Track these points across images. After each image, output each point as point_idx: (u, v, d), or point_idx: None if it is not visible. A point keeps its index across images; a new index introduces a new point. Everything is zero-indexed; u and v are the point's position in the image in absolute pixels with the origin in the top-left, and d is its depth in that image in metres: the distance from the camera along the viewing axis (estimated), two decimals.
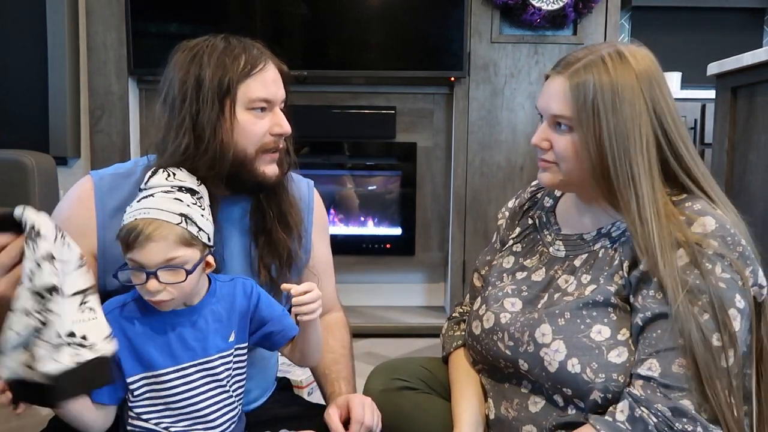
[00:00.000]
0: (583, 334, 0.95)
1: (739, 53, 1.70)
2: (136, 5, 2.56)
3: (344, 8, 2.64)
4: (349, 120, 2.71)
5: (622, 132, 0.93)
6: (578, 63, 0.96)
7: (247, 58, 1.03)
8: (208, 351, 0.96)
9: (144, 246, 0.88)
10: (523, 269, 1.11)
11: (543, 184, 1.05)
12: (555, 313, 0.98)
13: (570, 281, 1.02)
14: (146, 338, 0.93)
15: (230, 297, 1.00)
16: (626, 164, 0.93)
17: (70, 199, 1.09)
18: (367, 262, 2.87)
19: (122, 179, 1.09)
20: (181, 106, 1.01)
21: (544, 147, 1.00)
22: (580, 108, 0.94)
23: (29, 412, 0.85)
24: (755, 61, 1.61)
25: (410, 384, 1.16)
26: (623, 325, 0.94)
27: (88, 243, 1.05)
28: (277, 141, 1.06)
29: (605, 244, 1.01)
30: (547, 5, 2.57)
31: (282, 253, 1.12)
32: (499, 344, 1.04)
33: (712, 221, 0.93)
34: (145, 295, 0.91)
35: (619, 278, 0.97)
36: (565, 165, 0.99)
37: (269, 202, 1.12)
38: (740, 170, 1.74)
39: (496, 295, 1.09)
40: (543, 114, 1.01)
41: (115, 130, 2.68)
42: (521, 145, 2.71)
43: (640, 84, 0.94)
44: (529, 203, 1.20)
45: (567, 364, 0.94)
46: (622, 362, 0.92)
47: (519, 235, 1.17)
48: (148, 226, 0.88)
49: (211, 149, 1.01)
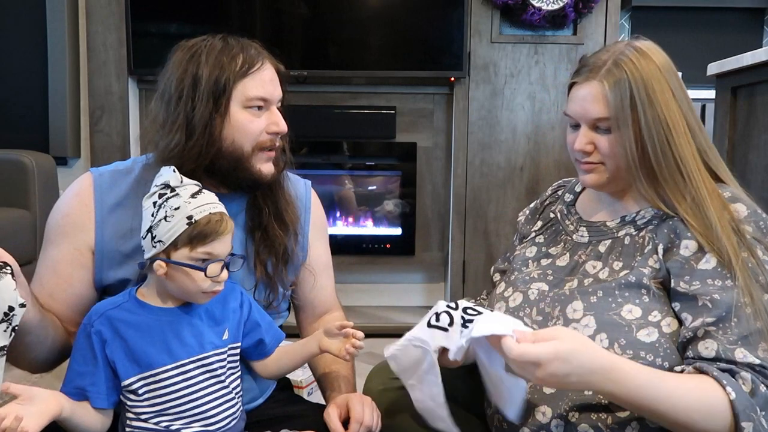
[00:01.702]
0: (614, 311, 0.96)
1: (739, 53, 1.70)
2: (136, 5, 2.56)
3: (344, 8, 2.64)
4: (349, 120, 2.71)
5: (663, 121, 0.97)
6: (605, 65, 0.99)
7: (245, 57, 1.05)
8: (205, 347, 0.97)
9: (224, 236, 0.94)
10: (547, 256, 1.12)
11: (588, 185, 1.06)
12: (588, 292, 0.99)
13: (599, 267, 1.03)
14: (143, 338, 0.94)
15: (222, 297, 1.01)
16: (670, 150, 0.97)
17: (70, 195, 1.10)
18: (367, 262, 2.87)
19: (121, 176, 1.10)
20: (177, 104, 1.03)
21: (589, 151, 1.02)
22: (618, 107, 0.97)
23: None
24: (755, 61, 1.61)
25: None
26: (655, 307, 0.95)
27: (86, 238, 1.06)
28: (273, 139, 1.08)
29: (630, 232, 1.03)
30: (547, 5, 2.57)
31: (278, 250, 1.13)
32: (525, 320, 1.04)
33: (743, 207, 0.96)
34: (208, 288, 0.94)
35: (654, 262, 0.97)
36: (611, 162, 1.01)
37: (265, 198, 1.13)
38: (740, 170, 1.74)
39: (524, 279, 1.10)
40: (580, 119, 1.02)
41: (115, 130, 2.68)
42: (521, 145, 2.71)
43: (664, 75, 0.99)
44: (550, 199, 1.23)
45: (595, 339, 0.94)
46: (651, 342, 0.92)
47: (542, 227, 1.19)
48: (224, 219, 0.95)
49: (197, 146, 1.03)
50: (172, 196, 0.93)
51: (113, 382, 0.94)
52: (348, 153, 2.81)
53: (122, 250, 1.06)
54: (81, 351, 0.94)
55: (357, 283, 2.84)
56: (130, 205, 1.07)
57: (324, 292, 1.29)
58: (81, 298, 1.07)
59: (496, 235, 2.73)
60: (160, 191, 0.95)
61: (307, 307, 1.28)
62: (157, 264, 0.93)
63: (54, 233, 1.09)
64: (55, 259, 1.07)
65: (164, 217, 0.92)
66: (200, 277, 0.93)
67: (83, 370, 0.93)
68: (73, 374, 0.94)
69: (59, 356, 1.07)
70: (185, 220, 0.91)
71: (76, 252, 1.06)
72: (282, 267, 1.15)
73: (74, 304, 1.07)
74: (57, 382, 0.97)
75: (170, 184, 0.95)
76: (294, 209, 1.17)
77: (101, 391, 0.93)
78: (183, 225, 0.91)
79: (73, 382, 0.93)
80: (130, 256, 1.05)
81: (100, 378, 0.93)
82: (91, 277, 1.07)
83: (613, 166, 1.02)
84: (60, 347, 1.05)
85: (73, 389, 0.93)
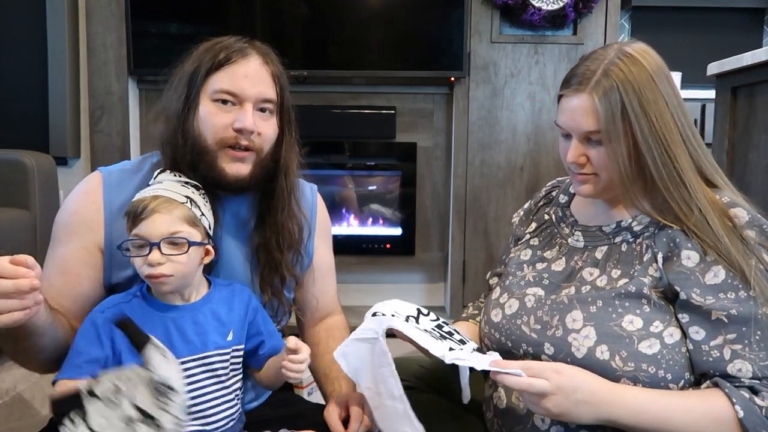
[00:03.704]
0: (615, 322, 0.94)
1: (739, 53, 1.70)
2: (136, 5, 2.56)
3: (344, 8, 2.64)
4: (349, 120, 2.71)
5: (660, 131, 0.94)
6: (594, 76, 0.95)
7: (227, 52, 1.04)
8: (207, 346, 0.97)
9: (149, 217, 0.91)
10: (542, 260, 1.11)
11: (583, 195, 1.04)
12: (587, 301, 0.97)
13: (596, 275, 1.01)
14: (147, 331, 0.93)
15: (229, 299, 1.01)
16: (671, 162, 0.94)
17: (79, 192, 1.10)
18: (367, 262, 2.87)
19: (129, 176, 1.10)
20: (165, 96, 1.07)
21: (581, 162, 1.00)
22: (609, 119, 0.94)
23: (29, 412, 0.85)
24: (755, 61, 1.61)
25: (410, 384, 1.16)
26: (656, 317, 0.93)
27: (94, 237, 1.06)
28: (238, 137, 1.04)
29: (626, 238, 1.01)
30: (547, 5, 2.57)
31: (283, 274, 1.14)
32: (523, 328, 1.03)
33: (743, 212, 0.94)
34: (145, 270, 0.92)
35: (654, 271, 0.95)
36: (605, 174, 0.99)
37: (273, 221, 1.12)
38: (740, 170, 1.74)
39: (518, 283, 1.09)
40: (571, 132, 1.00)
41: (115, 130, 2.68)
42: (521, 145, 2.71)
43: (655, 81, 0.95)
44: (544, 200, 1.21)
45: (596, 351, 0.93)
46: (653, 353, 0.91)
47: (536, 229, 1.17)
48: (155, 200, 0.93)
49: (175, 138, 1.04)
50: (153, 183, 0.98)
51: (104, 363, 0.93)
52: (348, 153, 2.81)
53: None
54: (85, 332, 0.94)
55: (357, 283, 2.84)
56: None
57: (326, 296, 1.29)
58: (88, 297, 1.06)
59: (496, 235, 2.73)
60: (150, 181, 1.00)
61: (309, 310, 1.28)
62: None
63: (63, 231, 1.08)
64: (63, 257, 1.07)
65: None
66: (137, 263, 0.93)
67: (83, 349, 0.93)
68: (73, 354, 0.93)
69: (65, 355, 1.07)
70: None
71: (84, 250, 1.06)
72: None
73: (81, 303, 1.06)
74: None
75: (151, 182, 0.99)
76: (300, 229, 1.16)
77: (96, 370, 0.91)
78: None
79: (71, 360, 0.92)
80: None
81: (97, 356, 0.92)
82: (100, 276, 1.07)
83: (607, 178, 0.99)
84: (67, 346, 1.05)
85: (69, 367, 0.92)
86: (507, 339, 1.05)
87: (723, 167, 1.79)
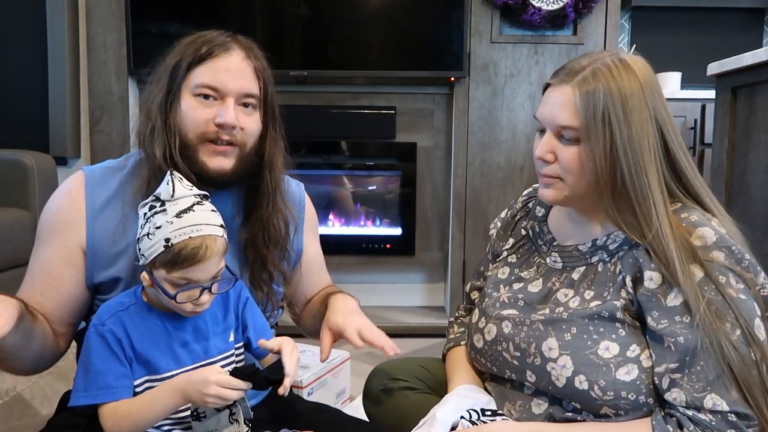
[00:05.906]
0: (591, 350, 0.92)
1: (739, 53, 1.70)
2: (136, 5, 2.56)
3: (344, 8, 2.63)
4: (349, 120, 2.71)
5: (635, 142, 0.91)
6: (583, 71, 0.93)
7: (209, 46, 1.04)
8: (210, 353, 0.97)
9: (203, 263, 0.88)
10: (519, 280, 1.08)
11: (546, 200, 1.00)
12: (561, 328, 0.95)
13: (570, 296, 0.99)
14: (149, 342, 0.93)
15: (224, 297, 1.01)
16: (642, 175, 0.91)
17: (61, 193, 1.10)
18: (367, 262, 2.87)
19: (111, 174, 1.10)
20: (147, 90, 1.07)
21: (549, 160, 0.96)
22: (589, 118, 0.91)
23: (29, 412, 0.86)
24: (755, 61, 1.61)
25: (410, 384, 1.16)
26: (632, 341, 0.91)
27: (77, 237, 1.06)
28: (218, 132, 1.03)
29: (603, 258, 0.98)
30: (547, 5, 2.57)
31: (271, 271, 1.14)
32: (505, 354, 1.02)
33: (711, 232, 0.91)
34: (189, 307, 0.91)
35: (625, 293, 0.93)
36: (570, 179, 0.95)
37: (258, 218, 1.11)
38: (740, 170, 1.74)
39: (494, 305, 1.07)
40: (546, 125, 0.96)
41: (115, 130, 2.68)
42: (521, 145, 2.71)
43: (644, 92, 0.92)
44: (521, 213, 1.18)
45: (574, 381, 0.92)
46: (631, 380, 0.89)
47: (513, 246, 1.15)
48: (204, 245, 0.88)
49: (156, 132, 1.03)
50: (159, 212, 0.90)
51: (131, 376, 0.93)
52: (348, 153, 2.81)
53: (113, 249, 1.05)
54: (96, 350, 0.91)
55: (357, 283, 2.84)
56: (118, 202, 1.06)
57: (317, 288, 1.30)
58: (72, 298, 1.06)
59: None
60: (151, 203, 0.92)
61: (299, 306, 1.29)
62: (142, 275, 0.92)
63: (45, 232, 1.08)
64: (46, 257, 1.07)
65: (147, 234, 0.90)
66: (179, 297, 0.90)
67: (104, 368, 0.91)
68: (94, 375, 0.91)
69: (49, 361, 1.07)
70: (163, 242, 0.88)
71: (67, 251, 1.06)
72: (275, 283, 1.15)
73: (64, 304, 1.06)
74: (57, 383, 0.97)
75: (161, 197, 0.91)
76: (287, 226, 1.15)
77: (128, 385, 0.91)
78: (160, 247, 0.88)
79: (96, 382, 0.91)
80: (120, 255, 1.05)
81: (123, 372, 0.91)
82: (82, 277, 1.06)
83: (571, 182, 0.96)
84: (49, 353, 1.05)
85: (97, 390, 0.90)
86: (492, 365, 1.06)
87: (723, 167, 1.79)
